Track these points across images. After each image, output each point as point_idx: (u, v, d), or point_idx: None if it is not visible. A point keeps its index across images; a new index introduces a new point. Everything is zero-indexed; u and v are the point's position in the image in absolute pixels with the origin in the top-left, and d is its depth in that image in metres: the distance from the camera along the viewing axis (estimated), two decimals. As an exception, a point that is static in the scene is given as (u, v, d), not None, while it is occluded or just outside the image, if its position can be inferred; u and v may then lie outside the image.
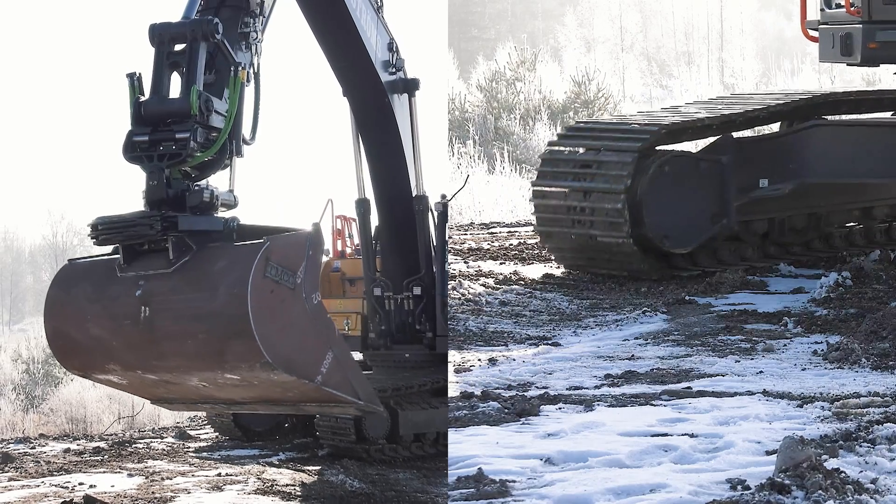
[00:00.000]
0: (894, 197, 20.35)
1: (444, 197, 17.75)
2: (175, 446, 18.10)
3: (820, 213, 19.57)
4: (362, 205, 17.50)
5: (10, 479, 15.02)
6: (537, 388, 12.30)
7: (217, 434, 18.65)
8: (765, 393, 11.77)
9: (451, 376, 12.92)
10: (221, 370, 10.39)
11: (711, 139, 19.30)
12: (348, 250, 19.56)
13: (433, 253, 17.47)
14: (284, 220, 11.85)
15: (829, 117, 20.15)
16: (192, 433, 19.93)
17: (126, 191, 11.39)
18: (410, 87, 16.95)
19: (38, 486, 14.43)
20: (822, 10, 18.52)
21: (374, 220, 17.59)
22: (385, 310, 17.40)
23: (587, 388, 12.25)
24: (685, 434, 10.17)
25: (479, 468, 9.00)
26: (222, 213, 10.81)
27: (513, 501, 8.48)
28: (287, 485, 14.07)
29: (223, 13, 11.38)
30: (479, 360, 13.59)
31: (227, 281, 10.02)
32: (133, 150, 10.42)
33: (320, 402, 11.15)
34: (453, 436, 10.29)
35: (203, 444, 18.34)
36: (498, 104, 45.94)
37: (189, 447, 17.90)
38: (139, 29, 10.72)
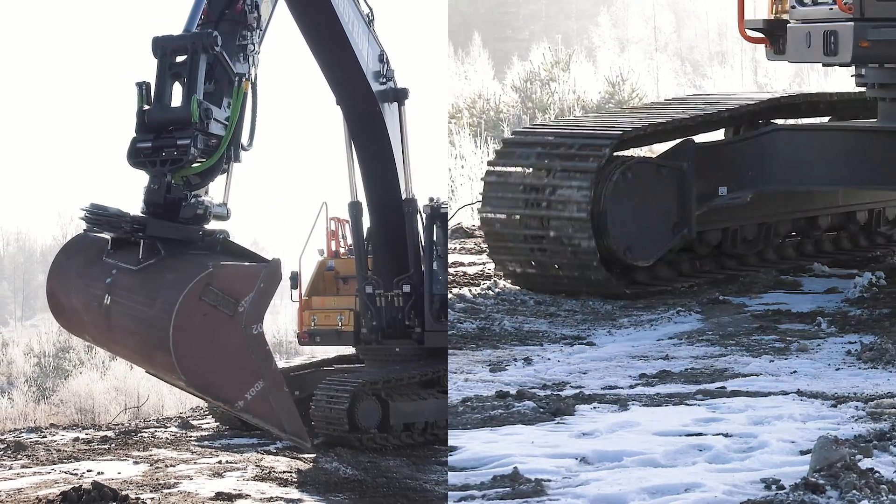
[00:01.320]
0: (840, 206, 18.53)
1: (432, 199, 17.77)
2: (178, 435, 18.09)
3: (770, 222, 17.78)
4: (355, 207, 17.51)
5: (23, 467, 15.00)
6: (572, 387, 11.86)
7: (218, 424, 18.64)
8: (799, 393, 11.29)
9: (487, 374, 12.39)
10: (155, 371, 10.58)
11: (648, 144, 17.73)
12: (342, 250, 19.54)
13: (422, 252, 17.51)
14: (283, 221, 11.86)
15: (779, 121, 18.15)
16: (195, 423, 19.92)
17: (132, 194, 11.40)
18: (400, 96, 16.98)
19: (49, 472, 14.42)
20: (793, 7, 16.45)
21: (367, 222, 17.61)
22: (376, 306, 17.41)
23: (622, 388, 11.79)
24: (720, 434, 9.78)
25: (515, 467, 8.70)
26: (215, 225, 10.82)
27: (548, 501, 8.20)
28: (284, 472, 14.07)
29: (222, 26, 11.39)
30: (515, 359, 13.06)
31: (164, 295, 10.09)
32: (137, 156, 10.44)
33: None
34: (488, 435, 9.93)
35: (205, 433, 18.33)
36: (532, 104, 44.40)
37: (191, 436, 17.90)
38: (146, 38, 10.75)
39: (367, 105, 16.33)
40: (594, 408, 10.91)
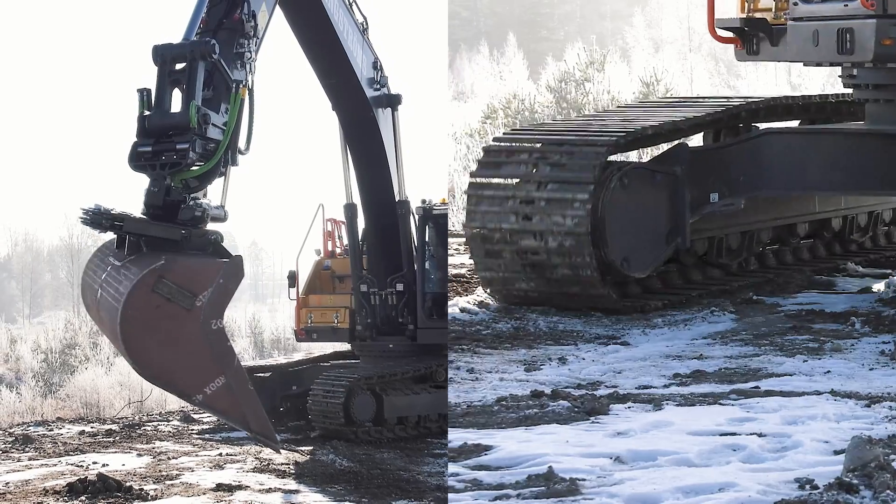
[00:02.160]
0: (816, 213, 17.60)
1: (424, 202, 17.78)
2: (180, 428, 18.09)
3: (753, 230, 16.76)
4: (350, 209, 17.51)
5: (31, 459, 15.00)
6: (606, 387, 11.58)
7: (218, 418, 18.62)
8: (832, 393, 10.94)
9: (522, 373, 12.15)
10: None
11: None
12: (337, 250, 19.55)
13: (414, 252, 17.52)
14: (281, 222, 11.84)
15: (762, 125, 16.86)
16: (196, 416, 19.90)
17: (135, 196, 11.40)
18: (394, 101, 16.99)
19: (56, 464, 14.41)
20: (794, 4, 15.13)
21: (361, 223, 17.63)
22: (371, 304, 17.42)
23: (656, 388, 11.50)
24: (753, 433, 9.49)
25: (550, 466, 8.48)
26: (213, 227, 10.78)
27: (583, 500, 7.98)
28: (282, 464, 14.07)
29: (220, 35, 11.38)
30: (550, 358, 12.82)
31: (122, 286, 10.03)
32: (138, 160, 10.44)
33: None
34: (523, 434, 9.73)
35: (206, 426, 18.33)
36: (567, 104, 43.27)
37: (193, 429, 17.89)
38: (147, 45, 10.74)
39: (361, 110, 16.34)
40: (628, 407, 10.67)
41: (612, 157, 15.03)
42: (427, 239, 17.62)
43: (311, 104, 20.51)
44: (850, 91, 16.44)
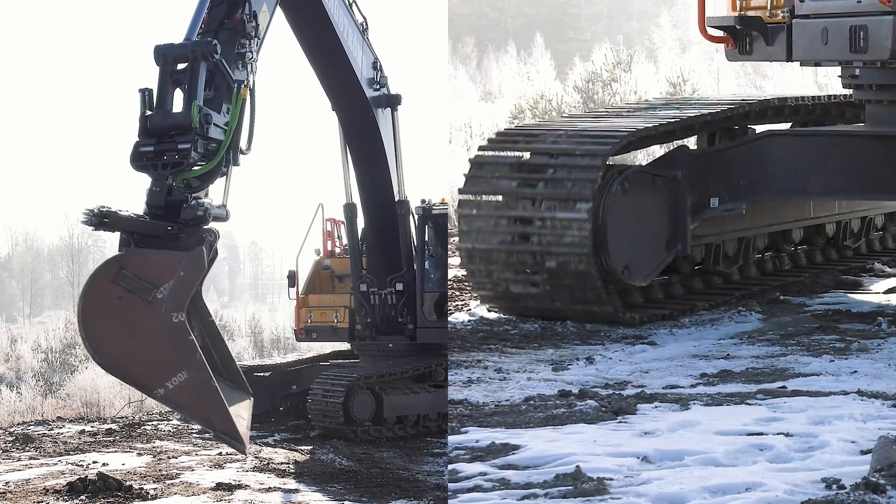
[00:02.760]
0: (811, 218, 17.07)
1: (424, 202, 17.79)
2: (180, 428, 18.07)
3: (749, 236, 16.18)
4: (350, 209, 17.52)
5: (31, 458, 14.99)
6: (634, 386, 11.55)
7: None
8: (859, 393, 10.88)
9: (549, 373, 12.14)
10: None
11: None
12: (337, 250, 19.56)
13: (414, 252, 17.53)
14: (281, 222, 11.82)
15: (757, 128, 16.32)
16: (196, 416, 19.88)
17: (136, 196, 11.37)
18: (393, 101, 16.99)
19: (56, 464, 14.41)
20: (801, 0, 14.55)
21: (361, 223, 17.64)
22: (370, 304, 17.42)
23: (683, 387, 11.48)
24: (780, 433, 9.46)
25: (577, 466, 8.48)
26: (214, 226, 10.75)
27: (610, 499, 7.95)
28: (281, 463, 14.08)
29: (222, 35, 11.37)
30: (577, 358, 12.83)
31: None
32: (140, 160, 10.42)
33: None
34: (551, 434, 9.71)
35: (205, 426, 18.31)
36: (594, 105, 42.52)
37: (193, 429, 17.87)
38: (149, 45, 10.73)
39: (361, 110, 16.35)
40: (656, 407, 10.64)
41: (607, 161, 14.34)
42: (427, 239, 17.63)
43: (311, 104, 20.51)
44: (842, 92, 16.26)
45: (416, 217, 17.59)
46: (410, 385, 16.92)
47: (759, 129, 16.24)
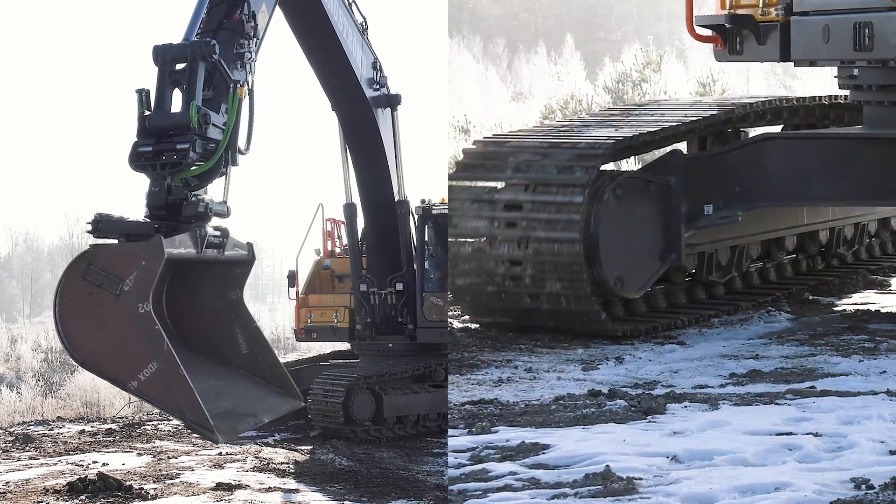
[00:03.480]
0: (804, 225, 16.34)
1: (424, 202, 17.79)
2: (180, 428, 18.05)
3: (742, 245, 15.46)
4: (349, 209, 17.52)
5: (31, 458, 14.99)
6: (663, 386, 11.56)
7: (218, 417, 18.60)
8: (888, 393, 10.85)
9: (579, 373, 12.12)
10: None
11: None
12: (337, 250, 19.55)
13: (414, 252, 17.53)
14: (281, 222, 11.79)
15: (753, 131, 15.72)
16: (196, 416, 19.87)
17: (134, 196, 11.36)
18: (393, 101, 16.98)
19: (56, 464, 14.40)
20: None
21: (361, 223, 17.63)
22: (370, 304, 17.42)
23: (712, 387, 11.48)
24: (809, 433, 9.45)
25: (607, 465, 8.49)
26: (222, 223, 10.77)
27: (640, 498, 7.96)
28: (281, 463, 14.08)
29: (220, 35, 11.37)
30: (607, 358, 12.81)
31: None
32: (138, 160, 10.42)
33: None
34: (581, 433, 9.72)
35: (205, 426, 18.29)
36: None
37: (193, 429, 17.87)
38: (147, 45, 10.73)
39: (361, 110, 16.34)
40: (685, 407, 10.64)
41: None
42: (427, 239, 17.63)
43: (311, 104, 20.49)
44: (825, 93, 15.97)
45: (416, 217, 17.59)
46: (410, 385, 16.92)
47: (753, 131, 15.76)
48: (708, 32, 14.98)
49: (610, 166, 15.39)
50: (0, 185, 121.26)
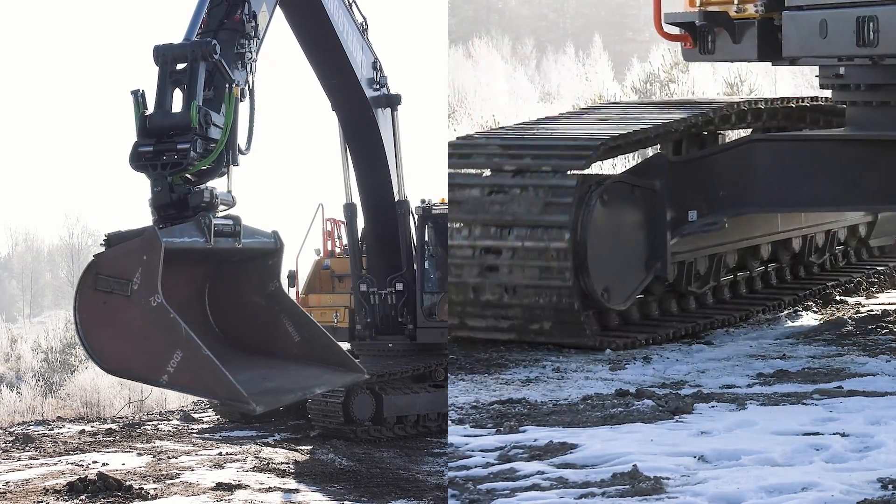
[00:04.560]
0: (778, 232, 15.46)
1: (424, 202, 17.80)
2: (180, 428, 18.08)
3: (720, 253, 14.62)
4: (349, 209, 17.53)
5: (31, 458, 15.00)
6: (690, 386, 11.52)
7: (218, 416, 18.65)
8: None
9: (607, 373, 12.09)
10: None
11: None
12: (337, 250, 19.57)
13: (414, 252, 17.53)
14: (281, 222, 11.77)
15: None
16: (196, 416, 19.91)
17: (134, 195, 11.32)
18: (393, 102, 16.98)
19: (56, 464, 14.41)
20: None
21: (361, 223, 17.64)
22: (370, 304, 17.42)
23: (739, 387, 11.44)
24: (837, 433, 9.39)
25: (634, 465, 8.48)
26: (232, 212, 10.74)
27: (667, 498, 7.95)
28: (281, 463, 14.08)
29: (221, 35, 11.36)
30: (634, 358, 12.74)
31: None
32: (139, 160, 10.41)
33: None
34: (608, 433, 9.70)
35: (205, 425, 18.34)
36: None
37: (193, 429, 17.90)
38: (147, 44, 10.73)
39: (361, 110, 16.34)
40: (712, 407, 10.61)
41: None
42: (427, 239, 17.64)
43: (311, 104, 20.53)
44: (809, 94, 15.47)
45: (416, 217, 17.60)
46: (410, 385, 16.92)
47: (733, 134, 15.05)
48: (677, 31, 14.33)
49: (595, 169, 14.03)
50: (0, 185, 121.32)
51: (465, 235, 12.93)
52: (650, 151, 14.64)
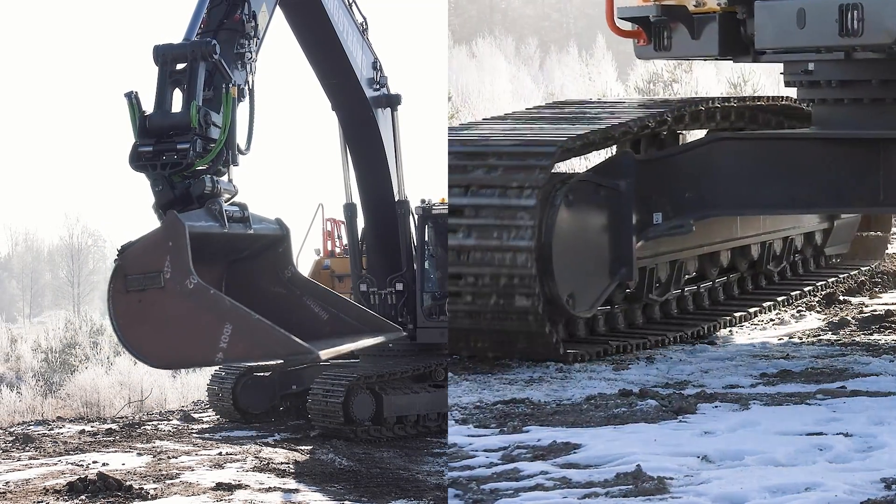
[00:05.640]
0: (737, 238, 14.85)
1: (424, 202, 17.79)
2: (180, 428, 18.06)
3: (681, 259, 14.00)
4: (350, 209, 17.52)
5: (31, 458, 14.98)
6: (694, 386, 11.57)
7: (218, 416, 18.63)
8: None
9: (610, 373, 12.12)
10: None
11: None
12: (337, 250, 19.56)
13: (414, 252, 17.52)
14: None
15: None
16: (196, 416, 19.89)
17: (134, 196, 11.35)
18: (393, 102, 16.98)
19: (56, 464, 14.39)
20: None
21: (361, 223, 17.64)
22: (370, 304, 17.39)
23: (743, 387, 11.50)
24: (840, 433, 9.44)
25: (638, 465, 8.53)
26: (227, 201, 10.73)
27: (670, 498, 7.99)
28: (281, 463, 14.06)
29: (221, 35, 11.38)
30: (638, 358, 12.80)
31: None
32: (139, 160, 10.41)
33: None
34: (611, 433, 9.77)
35: (205, 425, 18.32)
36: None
37: (193, 429, 17.87)
38: (147, 44, 10.74)
39: (361, 110, 16.34)
40: (716, 407, 10.67)
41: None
42: (427, 239, 17.63)
43: (311, 104, 20.52)
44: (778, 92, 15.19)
45: (416, 217, 17.59)
46: (410, 385, 16.91)
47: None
48: (630, 26, 13.71)
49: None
50: (0, 185, 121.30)
51: None
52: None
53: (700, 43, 13.43)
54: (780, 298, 15.24)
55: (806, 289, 15.76)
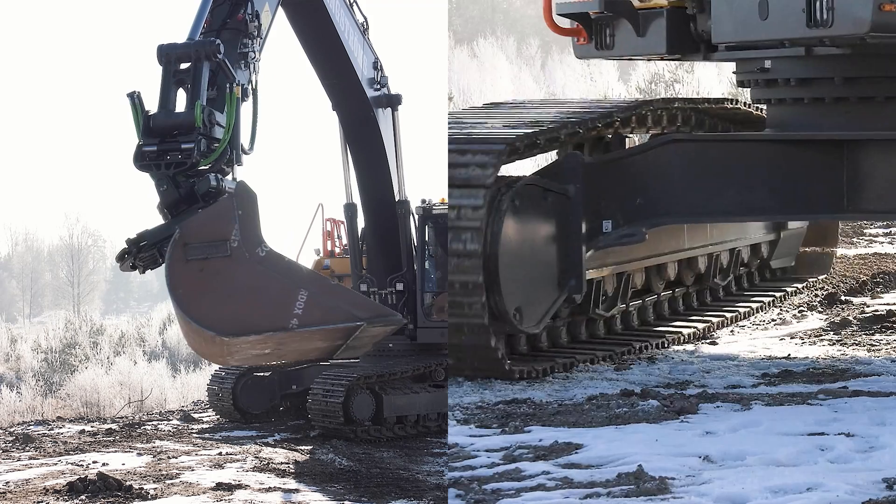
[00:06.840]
0: (685, 249, 14.13)
1: (424, 202, 17.77)
2: (180, 428, 18.03)
3: (628, 271, 13.32)
4: (350, 209, 17.51)
5: (31, 458, 14.94)
6: (695, 386, 11.57)
7: (218, 416, 18.59)
8: None
9: (612, 373, 12.11)
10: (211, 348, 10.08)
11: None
12: (337, 250, 19.53)
13: (414, 252, 17.51)
14: (281, 222, 11.73)
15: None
16: (196, 416, 19.85)
17: (134, 196, 11.34)
18: (394, 101, 16.98)
19: (56, 464, 14.36)
20: None
21: (361, 223, 17.62)
22: (370, 304, 17.40)
23: (744, 387, 11.50)
24: (842, 434, 9.46)
25: (639, 465, 8.50)
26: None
27: (672, 498, 7.98)
28: (282, 463, 14.03)
29: (224, 35, 11.38)
30: (639, 358, 12.80)
31: None
32: (143, 160, 10.40)
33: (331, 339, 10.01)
34: (613, 433, 9.78)
35: (205, 425, 18.28)
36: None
37: (193, 429, 17.84)
38: (150, 44, 10.72)
39: (361, 110, 16.34)
40: (717, 407, 10.68)
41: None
42: (427, 239, 17.61)
43: (311, 104, 20.50)
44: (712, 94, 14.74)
45: (416, 217, 17.57)
46: (410, 385, 16.88)
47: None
48: (569, 24, 12.99)
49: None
50: (0, 185, 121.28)
51: None
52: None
53: (646, 41, 12.82)
54: (729, 315, 14.58)
55: (754, 305, 15.12)
